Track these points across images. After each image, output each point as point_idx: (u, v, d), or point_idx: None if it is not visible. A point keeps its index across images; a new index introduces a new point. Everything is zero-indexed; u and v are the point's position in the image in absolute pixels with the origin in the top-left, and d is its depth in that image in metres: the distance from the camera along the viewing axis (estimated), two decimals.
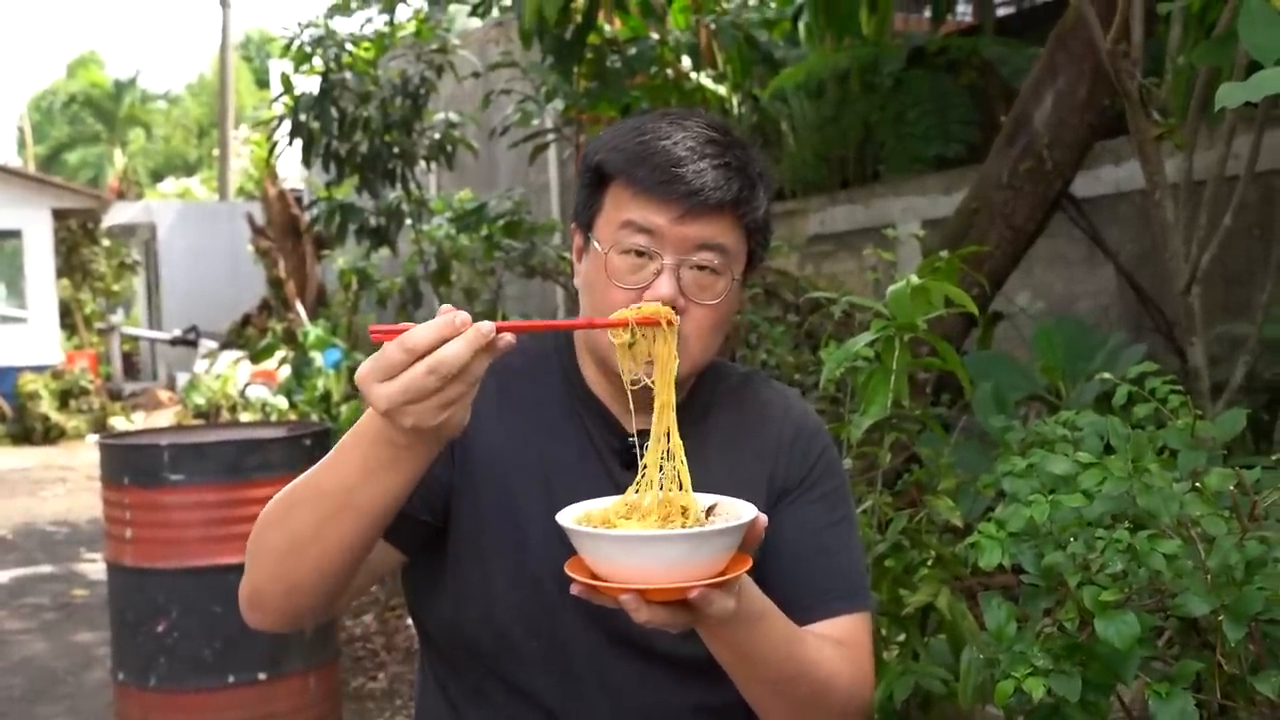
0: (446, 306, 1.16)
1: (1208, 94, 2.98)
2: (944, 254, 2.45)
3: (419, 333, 1.12)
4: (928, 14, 8.31)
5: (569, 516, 1.22)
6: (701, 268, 1.41)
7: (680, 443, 1.26)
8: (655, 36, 6.67)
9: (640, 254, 1.41)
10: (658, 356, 1.30)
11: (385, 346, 1.13)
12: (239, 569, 1.44)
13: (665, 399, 1.28)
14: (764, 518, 1.20)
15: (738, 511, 1.22)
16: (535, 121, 7.16)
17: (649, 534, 1.15)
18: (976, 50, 7.27)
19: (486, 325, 1.13)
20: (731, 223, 1.43)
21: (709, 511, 1.24)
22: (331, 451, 1.29)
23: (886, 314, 2.28)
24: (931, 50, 7.52)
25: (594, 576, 1.17)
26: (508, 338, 1.15)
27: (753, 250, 1.48)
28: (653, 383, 1.29)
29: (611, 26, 6.85)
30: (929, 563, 2.29)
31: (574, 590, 1.17)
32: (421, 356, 1.12)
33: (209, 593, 3.52)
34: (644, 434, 1.31)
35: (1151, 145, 2.82)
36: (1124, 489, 1.47)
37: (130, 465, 3.65)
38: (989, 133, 6.73)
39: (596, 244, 1.44)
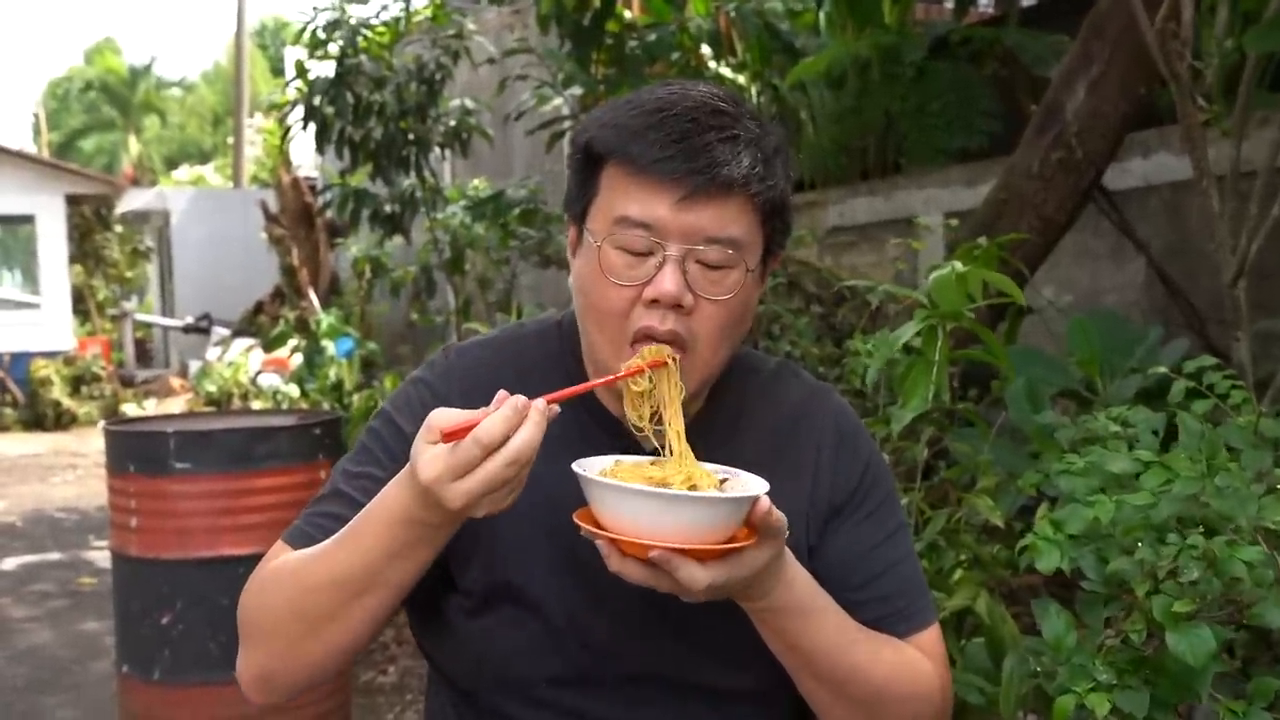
0: (502, 393, 1.14)
1: (1255, 80, 2.87)
2: (982, 240, 2.34)
3: (493, 428, 1.11)
4: (949, 4, 8.18)
5: (595, 465, 1.23)
6: (709, 264, 1.26)
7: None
8: (674, 25, 6.56)
9: (639, 250, 1.26)
10: (663, 397, 1.26)
11: (460, 446, 1.11)
12: (246, 560, 1.38)
13: (678, 432, 1.26)
14: (765, 500, 1.14)
15: (749, 489, 1.20)
16: (555, 102, 7.04)
17: (625, 486, 1.14)
18: (999, 40, 7.15)
19: (541, 403, 1.14)
20: (743, 205, 1.27)
21: (721, 484, 1.23)
22: (346, 535, 1.25)
23: (925, 303, 2.18)
24: (954, 40, 7.40)
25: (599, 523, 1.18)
26: (555, 408, 1.16)
27: (769, 236, 1.32)
28: (661, 432, 1.26)
29: (631, 12, 6.74)
30: (965, 563, 2.18)
31: (581, 530, 1.17)
32: (494, 449, 1.10)
33: (215, 584, 3.42)
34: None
35: (1198, 132, 2.70)
36: (1195, 490, 1.36)
37: (136, 453, 3.56)
38: (1012, 124, 6.61)
39: (590, 236, 1.30)
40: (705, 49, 6.86)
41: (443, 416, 1.14)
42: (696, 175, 1.23)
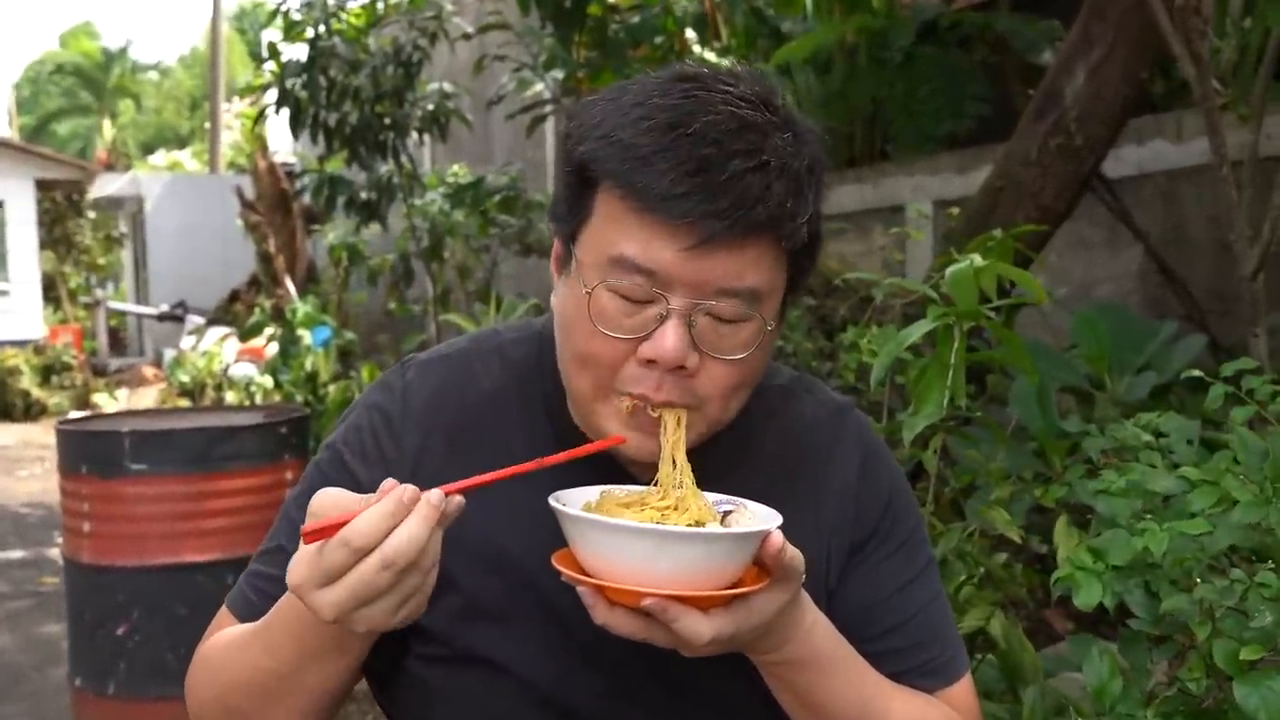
0: (389, 482, 0.95)
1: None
2: (997, 232, 2.18)
3: (364, 526, 0.92)
4: None
5: (577, 498, 1.06)
6: (720, 317, 1.06)
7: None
8: (658, 8, 6.40)
9: (636, 298, 1.05)
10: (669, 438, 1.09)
11: (323, 546, 0.93)
12: (207, 567, 1.27)
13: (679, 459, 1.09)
14: (777, 536, 0.97)
15: (757, 523, 1.02)
16: (538, 87, 6.85)
17: (610, 522, 0.97)
18: (990, 25, 7.01)
19: (436, 495, 0.94)
20: (766, 249, 1.05)
21: (724, 518, 1.06)
22: (262, 630, 1.11)
23: (935, 297, 2.01)
24: (943, 25, 7.26)
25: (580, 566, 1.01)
26: (458, 500, 0.97)
27: (794, 276, 1.11)
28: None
29: None
30: (975, 580, 2.02)
31: (561, 575, 1.00)
32: (367, 551, 0.92)
33: (174, 593, 3.25)
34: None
35: (1218, 116, 2.54)
36: (1259, 516, 1.19)
37: (89, 453, 3.37)
38: (1002, 111, 6.48)
39: (579, 271, 1.08)
40: (690, 33, 6.68)
41: (321, 502, 0.96)
42: (714, 219, 1.00)
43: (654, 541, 0.95)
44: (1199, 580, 1.18)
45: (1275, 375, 2.97)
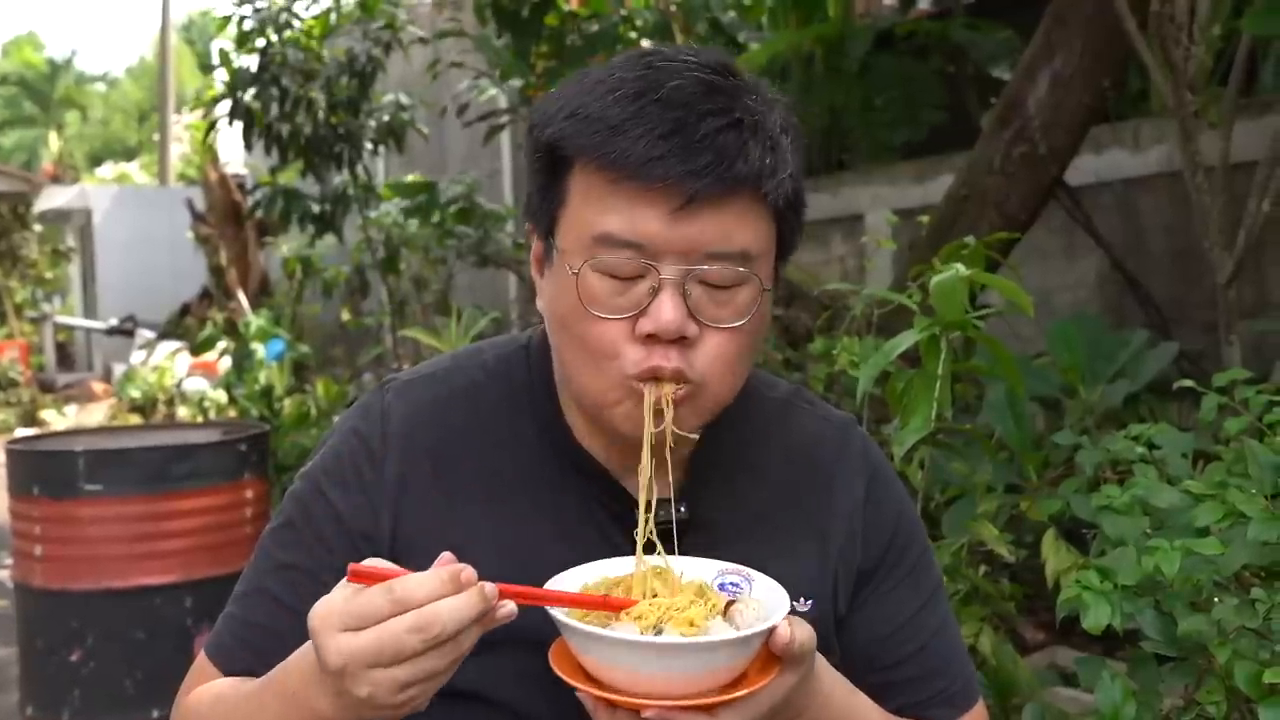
0: (446, 555, 0.91)
1: (1249, 67, 2.71)
2: (969, 239, 2.15)
3: (414, 582, 0.87)
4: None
5: (577, 580, 1.02)
6: (714, 283, 1.02)
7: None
8: (616, 17, 6.36)
9: (626, 274, 1.02)
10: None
11: (367, 591, 0.88)
12: (165, 590, 1.19)
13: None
14: (783, 630, 0.94)
15: (761, 613, 0.98)
16: (492, 92, 6.78)
17: (605, 635, 0.95)
18: (946, 35, 7.04)
19: (491, 588, 0.89)
20: (751, 205, 1.02)
21: (726, 608, 1.00)
22: (251, 697, 1.03)
23: (913, 307, 1.98)
24: (900, 34, 7.28)
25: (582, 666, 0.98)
26: (509, 606, 0.91)
27: (782, 237, 1.07)
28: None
29: (570, 3, 6.53)
30: (961, 594, 1.98)
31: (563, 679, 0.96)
32: (409, 609, 0.87)
33: (130, 617, 3.16)
34: (662, 502, 1.04)
35: (1192, 123, 2.53)
36: (1274, 534, 1.16)
37: (41, 473, 3.27)
38: (956, 119, 6.51)
39: (563, 258, 1.05)
40: (646, 42, 6.64)
41: (375, 560, 0.91)
42: (695, 178, 0.98)
43: (653, 654, 0.93)
44: (1218, 600, 1.14)
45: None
